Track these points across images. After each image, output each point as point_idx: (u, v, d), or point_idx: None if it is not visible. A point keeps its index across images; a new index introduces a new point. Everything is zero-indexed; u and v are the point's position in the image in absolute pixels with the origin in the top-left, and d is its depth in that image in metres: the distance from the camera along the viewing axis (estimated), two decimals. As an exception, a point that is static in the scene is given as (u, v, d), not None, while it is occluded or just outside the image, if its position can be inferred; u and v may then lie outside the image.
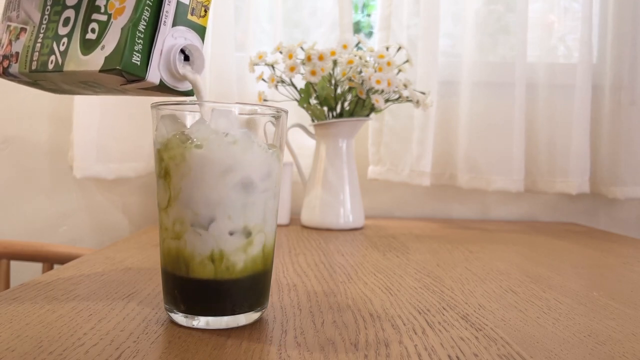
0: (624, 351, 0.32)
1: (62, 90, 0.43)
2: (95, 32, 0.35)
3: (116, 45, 0.34)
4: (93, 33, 0.35)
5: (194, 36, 0.37)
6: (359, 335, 0.34)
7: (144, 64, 0.34)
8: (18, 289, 0.43)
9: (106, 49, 0.34)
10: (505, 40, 1.04)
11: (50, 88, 0.43)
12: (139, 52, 0.34)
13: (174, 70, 0.36)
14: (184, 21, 0.36)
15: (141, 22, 0.34)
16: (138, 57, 0.34)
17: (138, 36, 0.34)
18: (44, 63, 0.38)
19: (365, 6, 1.16)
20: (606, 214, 1.11)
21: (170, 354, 0.30)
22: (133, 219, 1.05)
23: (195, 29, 0.37)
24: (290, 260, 0.58)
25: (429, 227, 0.91)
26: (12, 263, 0.86)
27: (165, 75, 0.36)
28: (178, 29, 0.36)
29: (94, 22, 0.36)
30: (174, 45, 0.35)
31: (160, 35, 0.35)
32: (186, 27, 0.36)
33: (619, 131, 1.02)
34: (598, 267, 0.61)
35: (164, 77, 0.36)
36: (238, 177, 0.33)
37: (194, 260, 0.33)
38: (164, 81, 0.36)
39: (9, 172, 1.03)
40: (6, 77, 0.42)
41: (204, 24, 0.38)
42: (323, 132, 0.85)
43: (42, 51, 0.39)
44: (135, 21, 0.34)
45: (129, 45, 0.33)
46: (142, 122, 0.97)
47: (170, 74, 0.36)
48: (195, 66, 0.37)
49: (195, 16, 0.37)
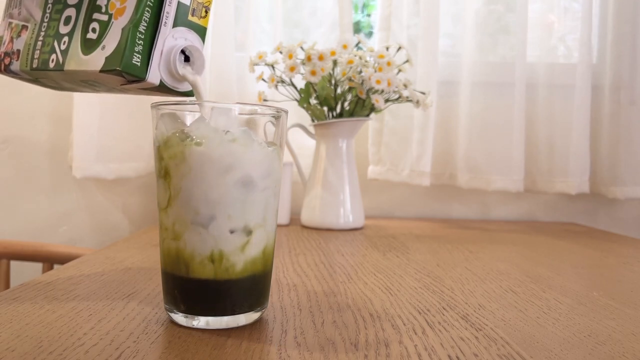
0: (624, 351, 0.32)
1: (63, 87, 0.43)
2: (96, 32, 0.35)
3: (117, 46, 0.34)
4: (94, 33, 0.35)
5: (194, 37, 0.37)
6: (359, 335, 0.34)
7: (144, 64, 0.34)
8: (18, 289, 0.42)
9: (107, 49, 0.34)
10: (505, 40, 1.04)
11: (51, 85, 0.44)
12: (140, 53, 0.34)
13: (174, 71, 0.36)
14: (185, 22, 0.36)
15: (142, 22, 0.34)
16: (138, 58, 0.34)
17: (138, 37, 0.34)
18: (45, 62, 0.38)
19: (365, 6, 1.16)
20: (606, 214, 1.11)
21: (170, 354, 0.30)
22: (133, 219, 1.05)
23: (196, 30, 0.37)
24: (290, 260, 0.58)
25: (429, 227, 0.91)
26: (12, 263, 0.86)
27: (165, 76, 0.36)
28: (178, 29, 0.36)
29: (95, 22, 0.36)
30: (174, 46, 0.36)
31: (160, 36, 0.35)
32: (187, 28, 0.36)
33: (619, 131, 1.02)
34: (598, 267, 0.61)
35: (164, 77, 0.36)
36: (238, 175, 0.33)
37: (194, 260, 0.33)
38: (164, 82, 0.36)
39: (9, 172, 1.03)
40: (7, 74, 0.43)
41: (204, 25, 0.38)
42: (323, 132, 0.85)
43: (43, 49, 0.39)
44: (136, 22, 0.34)
45: (129, 46, 0.33)
46: (142, 122, 0.97)
47: (170, 75, 0.36)
48: (196, 67, 0.37)
49: (196, 17, 0.37)
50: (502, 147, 1.01)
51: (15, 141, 1.03)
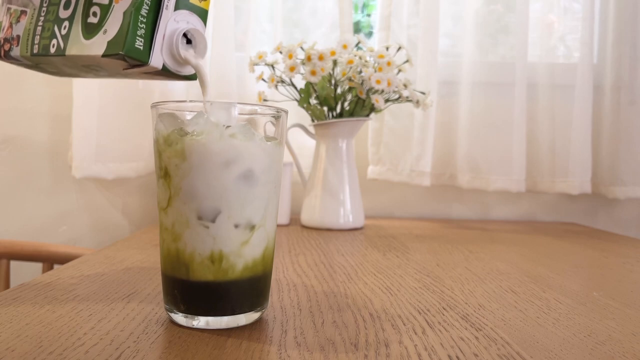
0: (624, 351, 0.32)
1: (64, 73, 0.43)
2: (97, 16, 0.35)
3: (119, 30, 0.33)
4: (95, 17, 0.35)
5: (196, 20, 0.36)
6: (359, 335, 0.34)
7: (146, 48, 0.34)
8: (18, 289, 0.42)
9: (108, 34, 0.34)
10: (505, 40, 1.04)
11: (51, 71, 0.43)
12: (142, 36, 0.33)
13: (176, 55, 0.35)
14: (186, 4, 0.36)
15: (143, 6, 0.33)
16: (141, 41, 0.33)
17: (140, 20, 0.33)
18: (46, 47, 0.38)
19: (365, 6, 1.16)
20: (606, 214, 1.11)
21: (170, 354, 0.30)
22: (133, 219, 1.05)
23: (198, 13, 0.36)
24: (290, 260, 0.58)
25: (429, 227, 0.91)
26: (12, 263, 0.86)
27: (168, 59, 0.35)
28: (180, 12, 0.35)
29: (96, 6, 0.35)
30: (176, 29, 0.35)
31: (162, 19, 0.34)
32: (188, 11, 0.36)
33: (619, 131, 1.02)
34: (598, 267, 0.61)
35: (166, 61, 0.35)
36: (240, 169, 0.33)
37: (194, 261, 0.33)
38: (166, 65, 0.35)
39: (9, 172, 1.03)
40: (7, 60, 0.42)
41: (206, 7, 0.37)
42: (323, 132, 0.85)
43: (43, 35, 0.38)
44: (138, 5, 0.33)
45: (131, 29, 0.33)
46: (141, 121, 0.97)
47: (173, 59, 0.35)
48: (198, 50, 0.36)
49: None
50: (502, 147, 1.01)
51: (15, 141, 1.03)
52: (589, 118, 1.00)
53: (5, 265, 0.83)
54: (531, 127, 1.03)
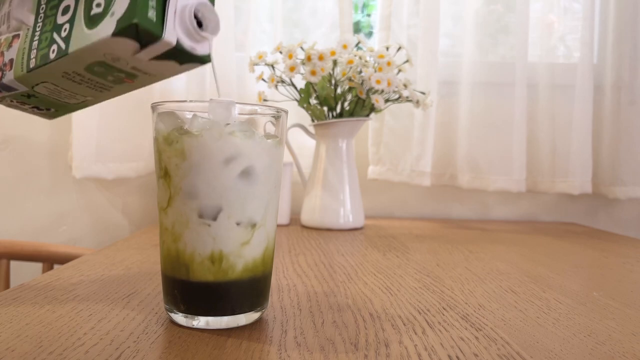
0: (624, 351, 0.32)
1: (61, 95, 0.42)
2: (101, 6, 0.34)
3: (128, 5, 0.32)
4: (99, 7, 0.34)
5: None
6: (359, 335, 0.34)
7: (159, 21, 0.33)
8: (18, 289, 0.42)
9: (116, 14, 0.32)
10: (505, 40, 1.04)
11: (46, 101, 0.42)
12: (154, 7, 0.32)
13: (190, 29, 0.34)
14: None
15: None
16: (153, 12, 0.32)
17: None
18: (44, 56, 0.37)
19: (365, 6, 1.16)
20: (606, 214, 1.11)
21: (170, 354, 0.30)
22: (133, 219, 1.05)
23: None
24: (290, 260, 0.58)
25: (429, 227, 0.91)
26: (12, 263, 0.86)
27: (181, 34, 0.34)
28: None
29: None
30: (187, 4, 0.34)
31: None
32: None
33: (620, 131, 1.02)
34: (598, 267, 0.61)
35: (180, 37, 0.34)
36: (240, 167, 0.33)
37: (194, 261, 0.33)
38: (180, 42, 0.34)
39: (9, 172, 1.03)
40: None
41: None
42: (323, 132, 0.85)
43: (41, 46, 0.38)
44: None
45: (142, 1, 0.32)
46: (141, 121, 0.97)
47: (187, 34, 0.34)
48: (210, 28, 0.35)
49: None
50: (502, 147, 1.01)
51: (15, 141, 1.03)
52: (589, 118, 1.00)
53: (5, 265, 0.83)
54: (531, 127, 1.03)
